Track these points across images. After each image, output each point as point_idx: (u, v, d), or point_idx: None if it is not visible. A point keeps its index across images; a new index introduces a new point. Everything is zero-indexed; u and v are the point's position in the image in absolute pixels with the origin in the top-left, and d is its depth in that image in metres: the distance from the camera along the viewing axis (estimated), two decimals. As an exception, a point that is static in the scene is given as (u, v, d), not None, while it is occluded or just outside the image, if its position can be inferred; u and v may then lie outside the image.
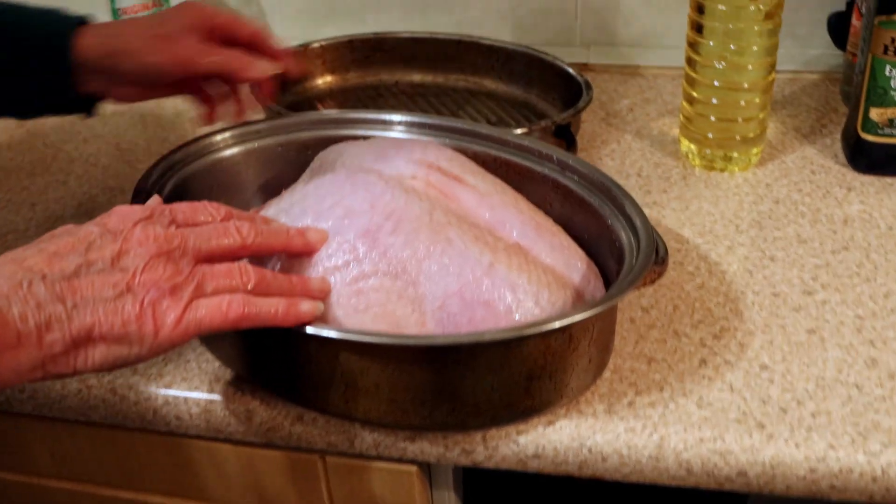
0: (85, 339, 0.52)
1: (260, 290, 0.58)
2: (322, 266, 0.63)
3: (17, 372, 0.50)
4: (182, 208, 0.60)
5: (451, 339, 0.60)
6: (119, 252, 0.54)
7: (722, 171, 0.97)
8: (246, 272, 0.58)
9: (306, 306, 0.59)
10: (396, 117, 0.83)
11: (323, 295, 0.62)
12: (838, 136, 1.02)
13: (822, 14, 1.17)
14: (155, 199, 0.62)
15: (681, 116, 0.99)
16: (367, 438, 0.68)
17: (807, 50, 1.19)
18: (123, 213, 0.57)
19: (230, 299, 0.56)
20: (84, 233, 0.55)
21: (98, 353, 0.53)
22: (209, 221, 0.60)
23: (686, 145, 0.99)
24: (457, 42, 1.15)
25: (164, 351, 0.55)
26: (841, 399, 0.67)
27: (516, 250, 0.65)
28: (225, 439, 0.73)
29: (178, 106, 1.18)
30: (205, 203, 0.61)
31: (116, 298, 0.53)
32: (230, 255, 0.59)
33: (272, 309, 0.58)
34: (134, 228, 0.56)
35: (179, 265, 0.56)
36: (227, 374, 0.72)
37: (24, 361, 0.50)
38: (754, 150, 0.97)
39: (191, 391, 0.71)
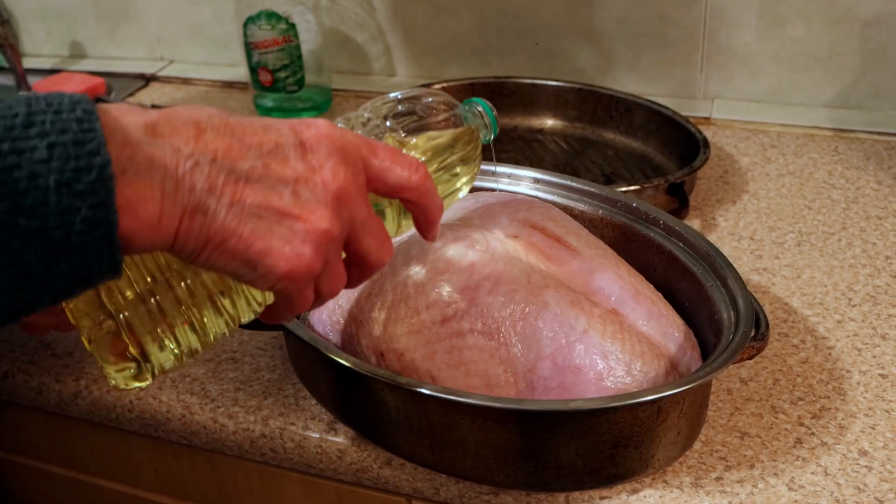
0: (218, 244, 0.47)
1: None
2: (418, 318, 0.65)
3: (147, 249, 0.46)
4: (381, 159, 0.55)
5: (537, 404, 0.61)
6: (298, 178, 0.50)
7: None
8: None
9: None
10: (507, 169, 0.84)
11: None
12: (967, 210, 0.98)
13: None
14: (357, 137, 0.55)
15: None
16: (453, 489, 0.69)
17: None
18: (322, 135, 0.52)
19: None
20: (276, 134, 0.50)
21: (219, 261, 0.48)
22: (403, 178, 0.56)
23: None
24: (577, 90, 1.16)
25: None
26: (941, 495, 0.65)
27: (612, 317, 0.65)
28: (316, 474, 0.75)
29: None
30: (406, 159, 0.56)
31: (271, 224, 0.48)
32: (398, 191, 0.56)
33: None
34: (327, 161, 0.51)
35: (344, 221, 0.52)
36: (323, 412, 0.74)
37: (157, 244, 0.46)
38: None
39: (286, 426, 0.74)
